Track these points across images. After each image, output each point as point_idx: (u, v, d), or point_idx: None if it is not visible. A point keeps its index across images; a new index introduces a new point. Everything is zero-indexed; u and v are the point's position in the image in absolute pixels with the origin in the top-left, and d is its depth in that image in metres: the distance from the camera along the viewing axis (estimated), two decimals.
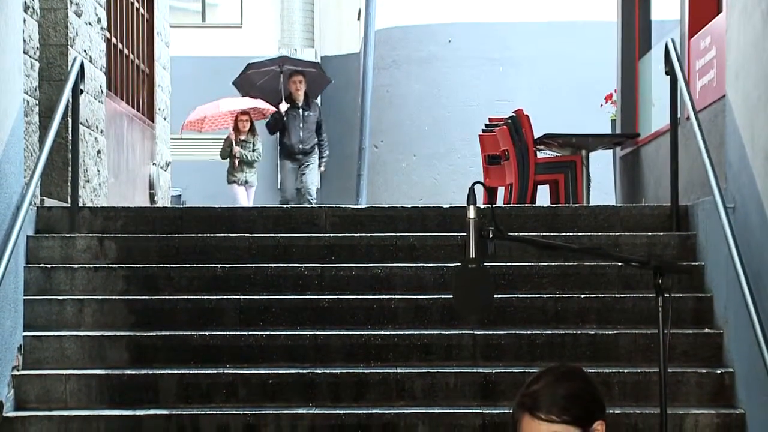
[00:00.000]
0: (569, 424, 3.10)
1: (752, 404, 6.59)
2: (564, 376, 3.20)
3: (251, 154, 15.15)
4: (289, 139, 14.55)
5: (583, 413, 3.12)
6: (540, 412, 3.12)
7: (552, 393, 3.13)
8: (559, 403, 3.11)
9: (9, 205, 6.92)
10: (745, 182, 6.68)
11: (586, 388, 3.18)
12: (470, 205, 3.16)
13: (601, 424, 3.15)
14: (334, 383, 6.98)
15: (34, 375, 6.98)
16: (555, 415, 3.11)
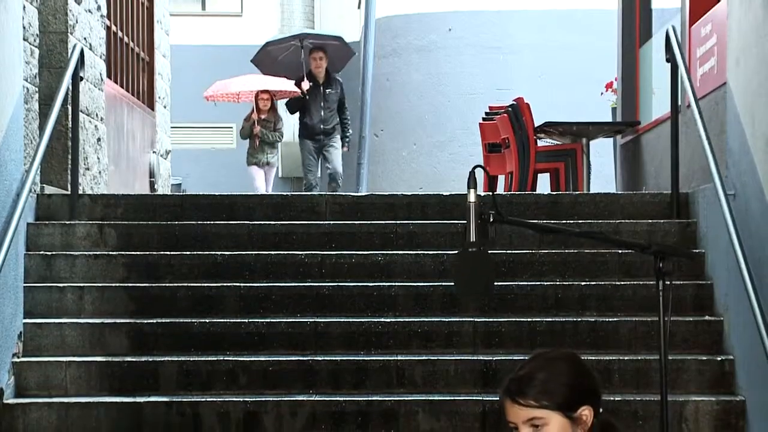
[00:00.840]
0: (549, 409, 3.10)
1: (752, 391, 6.59)
2: (550, 361, 3.18)
3: (273, 134, 14.52)
4: (310, 118, 13.88)
5: (564, 399, 3.10)
6: (520, 397, 3.12)
7: (534, 378, 3.12)
8: (539, 388, 3.11)
9: (9, 192, 6.91)
10: (745, 169, 6.68)
11: (570, 374, 3.15)
12: (471, 189, 3.15)
13: (588, 410, 3.13)
14: (335, 370, 6.98)
15: (35, 362, 6.98)
16: (533, 399, 3.10)
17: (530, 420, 3.10)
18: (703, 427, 6.65)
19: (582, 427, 3.12)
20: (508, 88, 15.93)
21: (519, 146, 11.00)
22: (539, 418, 3.10)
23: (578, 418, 3.12)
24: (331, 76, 14.08)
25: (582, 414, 3.12)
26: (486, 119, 12.38)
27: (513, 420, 3.14)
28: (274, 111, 14.74)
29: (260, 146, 14.37)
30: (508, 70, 16.92)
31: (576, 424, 3.11)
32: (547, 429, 3.10)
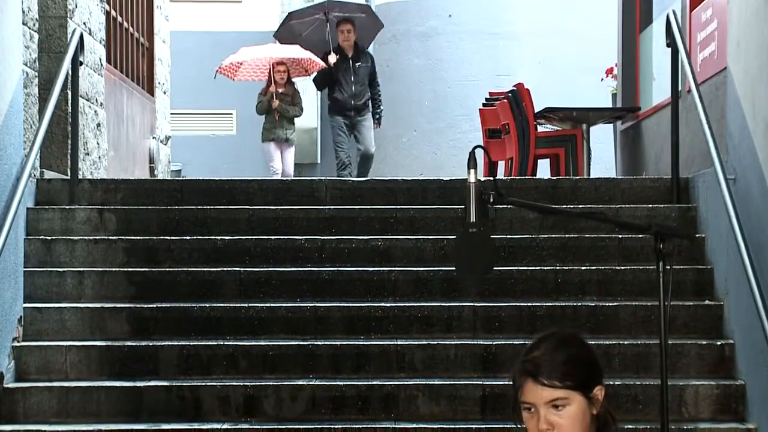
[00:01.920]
0: (571, 389, 3.08)
1: (752, 375, 6.59)
2: (564, 341, 3.17)
3: (292, 109, 13.54)
4: (341, 93, 12.94)
5: (584, 378, 3.10)
6: (542, 377, 3.09)
7: (553, 359, 3.10)
8: (561, 368, 3.09)
9: (9, 176, 6.90)
10: (745, 153, 6.67)
11: (585, 354, 3.16)
12: (471, 170, 3.14)
13: (600, 390, 3.13)
14: (335, 355, 6.98)
15: (35, 346, 6.98)
16: (557, 380, 3.08)
17: (553, 401, 3.08)
18: (703, 411, 6.66)
19: (596, 407, 3.12)
20: (508, 74, 15.94)
21: (519, 132, 11.00)
22: (563, 399, 3.07)
23: (594, 398, 3.12)
24: (360, 49, 13.26)
25: (596, 393, 3.12)
26: (486, 105, 12.38)
27: (532, 401, 3.11)
28: (292, 84, 13.83)
29: (279, 121, 13.51)
30: (508, 56, 16.91)
31: (592, 404, 3.11)
32: (569, 410, 3.08)
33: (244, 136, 17.26)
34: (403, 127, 16.64)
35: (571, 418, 3.08)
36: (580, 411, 3.09)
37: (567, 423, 3.08)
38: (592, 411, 3.11)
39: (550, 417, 3.09)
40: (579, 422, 3.09)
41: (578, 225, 7.81)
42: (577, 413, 3.08)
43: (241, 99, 17.17)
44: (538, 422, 3.10)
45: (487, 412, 6.68)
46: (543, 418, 3.09)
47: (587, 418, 3.10)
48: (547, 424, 3.09)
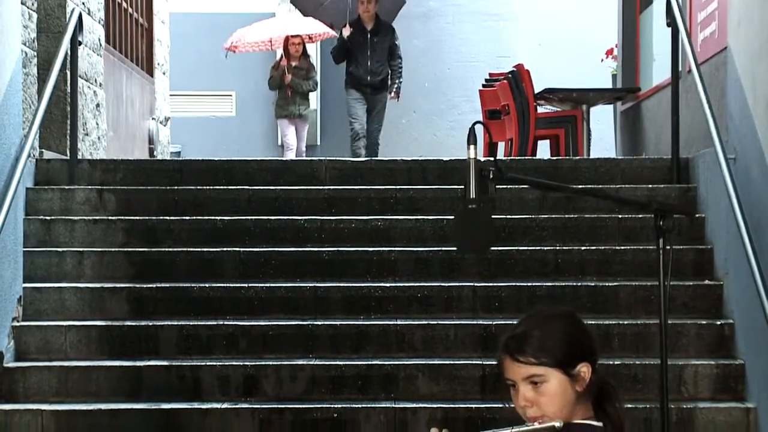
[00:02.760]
0: (548, 366, 3.08)
1: (752, 355, 6.59)
2: (547, 319, 3.17)
3: (306, 84, 13.13)
4: (356, 68, 12.30)
5: (564, 356, 3.09)
6: (519, 354, 3.10)
7: (532, 336, 3.11)
8: (537, 345, 3.09)
9: (8, 156, 6.89)
10: (746, 133, 6.66)
11: (568, 331, 3.14)
12: (470, 145, 3.13)
13: (586, 367, 3.12)
14: (334, 335, 6.98)
15: (34, 326, 6.98)
16: (533, 356, 3.09)
17: (530, 377, 3.10)
18: (702, 391, 6.66)
19: (580, 384, 3.12)
20: (507, 56, 15.91)
21: (519, 113, 10.98)
22: (539, 375, 3.09)
23: (577, 375, 3.11)
24: (381, 22, 12.44)
25: (581, 371, 3.11)
26: (486, 86, 12.35)
27: (512, 377, 3.14)
28: (307, 58, 13.36)
29: (292, 97, 13.11)
30: (507, 37, 16.88)
31: (575, 381, 3.11)
32: (547, 386, 3.09)
33: (244, 117, 17.26)
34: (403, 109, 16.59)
35: (549, 395, 3.09)
36: (560, 388, 3.09)
37: (545, 399, 3.09)
38: (575, 388, 3.11)
39: (528, 394, 3.10)
40: (558, 399, 3.09)
41: (578, 205, 7.81)
42: (556, 390, 3.09)
43: (240, 80, 17.16)
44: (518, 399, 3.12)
45: (486, 391, 6.69)
46: (521, 394, 3.11)
47: (569, 395, 3.10)
48: (525, 400, 3.11)
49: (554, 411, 3.09)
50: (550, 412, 3.09)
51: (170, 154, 13.37)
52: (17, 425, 6.43)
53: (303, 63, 13.16)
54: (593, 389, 3.15)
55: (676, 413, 6.37)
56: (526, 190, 7.86)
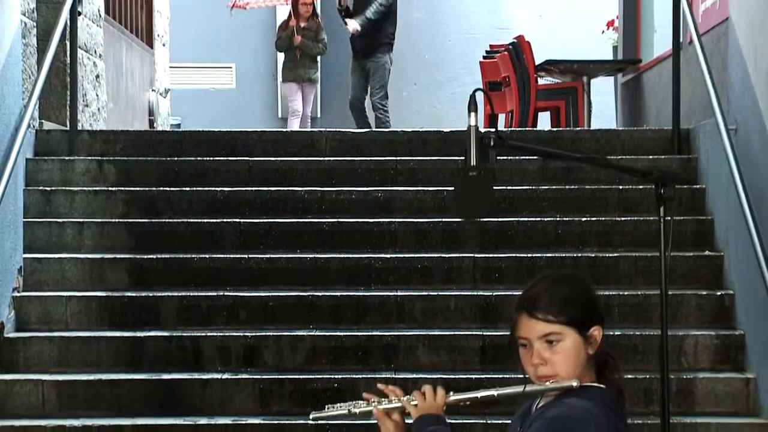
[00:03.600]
0: (566, 324, 3.10)
1: (752, 325, 6.60)
2: (562, 279, 3.20)
3: (314, 46, 12.57)
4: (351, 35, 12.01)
5: (580, 316, 3.11)
6: (538, 311, 3.11)
7: (550, 294, 3.12)
8: (557, 303, 3.11)
9: (8, 126, 6.88)
10: (747, 103, 6.65)
11: (584, 293, 3.18)
12: (471, 112, 3.13)
13: (598, 330, 3.14)
14: (335, 306, 6.99)
15: (35, 296, 6.99)
16: (552, 315, 3.10)
17: (546, 335, 3.10)
18: (702, 361, 6.67)
19: (592, 347, 3.13)
20: (508, 27, 15.85)
21: (519, 84, 10.96)
22: (556, 333, 3.09)
23: (590, 336, 3.13)
24: None
25: (593, 333, 3.13)
26: (486, 58, 12.33)
27: (527, 335, 3.13)
28: (316, 18, 12.78)
29: (301, 59, 12.59)
30: (508, 9, 16.83)
31: (588, 342, 3.12)
32: (562, 345, 3.10)
33: (244, 89, 17.20)
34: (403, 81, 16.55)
35: (564, 354, 3.10)
36: (574, 348, 3.10)
37: (559, 359, 3.10)
38: (588, 350, 3.12)
39: (543, 352, 3.11)
40: (572, 359, 3.10)
41: (578, 176, 7.80)
42: (571, 350, 3.10)
43: (240, 52, 17.10)
44: (532, 357, 3.12)
45: (486, 362, 6.70)
46: (536, 352, 3.11)
47: (581, 357, 3.11)
48: (539, 358, 3.11)
49: (567, 370, 3.10)
50: (562, 371, 3.10)
51: (170, 126, 13.32)
52: (18, 395, 6.44)
53: (312, 24, 12.67)
54: (599, 356, 3.17)
55: (675, 384, 6.39)
56: (527, 161, 7.85)
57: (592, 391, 3.11)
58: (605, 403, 3.09)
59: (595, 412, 3.03)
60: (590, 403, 3.05)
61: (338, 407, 3.22)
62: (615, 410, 3.11)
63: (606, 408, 3.08)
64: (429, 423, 3.16)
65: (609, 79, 12.34)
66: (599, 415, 3.03)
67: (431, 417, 3.18)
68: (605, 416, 3.05)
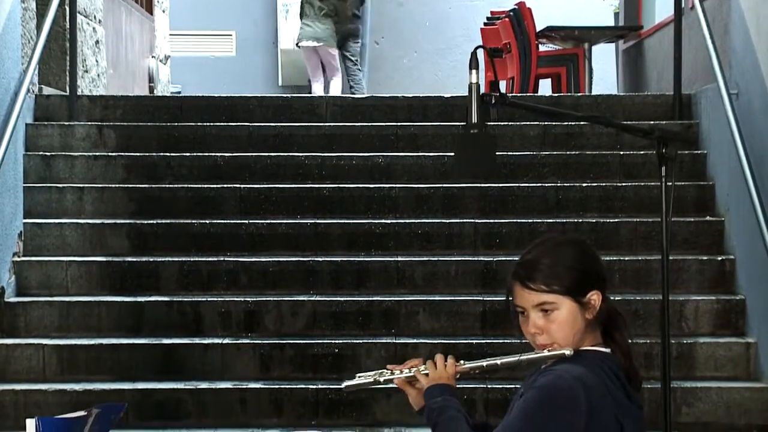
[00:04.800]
0: (560, 294, 3.07)
1: (752, 290, 6.60)
2: (558, 246, 3.15)
3: None
4: None
5: (575, 283, 3.08)
6: (531, 281, 3.09)
7: (544, 263, 3.09)
8: (550, 273, 3.08)
9: (7, 90, 6.86)
10: (749, 67, 6.63)
11: (578, 259, 3.12)
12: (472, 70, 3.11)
13: (597, 294, 3.11)
14: (335, 271, 6.98)
15: (35, 261, 6.98)
16: (545, 285, 3.07)
17: (540, 305, 3.08)
18: (703, 326, 6.67)
19: (590, 312, 3.10)
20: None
21: (520, 51, 10.92)
22: (549, 303, 3.08)
23: (587, 302, 3.10)
24: None
25: (591, 298, 3.10)
26: (487, 24, 12.28)
27: (522, 305, 3.12)
28: None
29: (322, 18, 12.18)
30: None
31: (585, 308, 3.10)
32: (557, 314, 3.08)
33: (244, 57, 17.15)
34: (404, 49, 16.53)
35: (560, 323, 3.08)
36: (570, 315, 3.08)
37: (555, 327, 3.08)
38: (586, 315, 3.10)
39: (539, 321, 3.10)
40: (568, 327, 3.08)
41: (579, 142, 7.79)
42: (567, 318, 3.08)
43: (240, 20, 17.05)
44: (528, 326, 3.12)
45: (487, 327, 6.70)
46: (532, 322, 3.10)
47: (579, 323, 3.09)
48: (535, 327, 3.10)
49: (564, 338, 3.08)
50: (560, 339, 3.08)
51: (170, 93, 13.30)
52: (18, 359, 6.45)
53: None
54: (602, 317, 3.14)
55: (676, 348, 6.39)
56: (528, 127, 7.83)
57: (590, 356, 3.09)
58: (603, 368, 3.07)
59: (586, 379, 2.99)
60: (583, 370, 3.02)
61: (366, 376, 3.29)
62: (615, 375, 3.08)
63: (602, 373, 3.04)
64: (437, 393, 3.17)
65: (610, 46, 12.29)
66: (591, 382, 3.00)
67: (439, 387, 3.18)
68: (600, 382, 3.02)
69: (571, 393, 2.97)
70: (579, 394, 2.97)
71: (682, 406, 6.20)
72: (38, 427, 2.97)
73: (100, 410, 3.20)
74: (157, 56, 12.13)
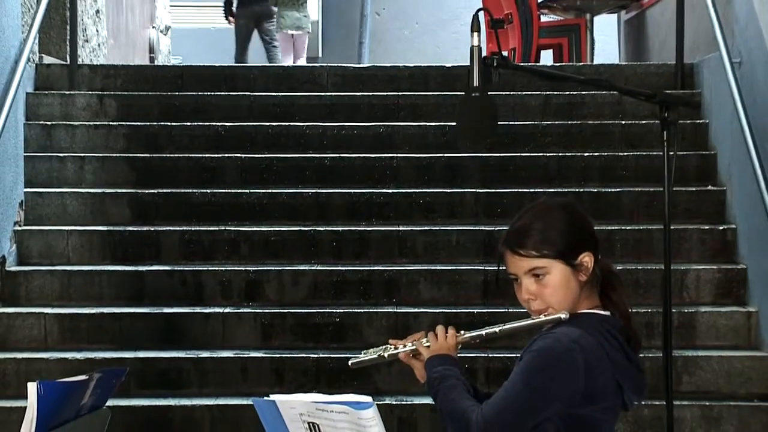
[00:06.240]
0: (550, 258, 3.07)
1: (754, 260, 6.60)
2: (547, 210, 3.15)
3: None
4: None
5: (564, 246, 3.08)
6: (520, 248, 3.09)
7: (532, 229, 3.09)
8: (537, 237, 3.08)
9: (7, 58, 6.84)
10: (752, 35, 6.60)
11: (570, 221, 3.12)
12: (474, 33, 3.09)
13: (588, 256, 3.11)
14: (336, 240, 6.97)
15: (36, 230, 6.98)
16: (535, 249, 3.08)
17: (532, 270, 3.09)
18: (704, 295, 6.67)
19: (584, 273, 3.11)
20: None
21: (522, 22, 10.88)
22: (541, 268, 3.08)
23: (579, 264, 3.10)
24: None
25: (583, 260, 3.10)
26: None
27: (514, 271, 3.13)
28: None
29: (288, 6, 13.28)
30: None
31: (577, 271, 3.10)
32: (549, 278, 3.08)
33: None
34: (405, 20, 16.50)
35: (552, 287, 3.08)
36: (563, 279, 3.08)
37: (548, 291, 3.09)
38: (579, 278, 3.10)
39: (531, 287, 3.10)
40: (562, 290, 3.08)
41: (581, 111, 7.77)
42: (560, 281, 3.08)
43: None
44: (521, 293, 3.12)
45: (488, 296, 6.70)
46: (524, 288, 3.11)
47: (572, 286, 3.10)
48: (528, 293, 3.11)
49: (558, 302, 3.09)
50: (554, 303, 3.09)
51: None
52: (20, 328, 6.45)
53: None
54: (598, 279, 3.14)
55: (677, 317, 6.38)
56: (529, 97, 7.81)
57: (587, 319, 3.09)
58: (600, 330, 3.07)
59: (583, 341, 3.00)
60: (580, 332, 3.02)
61: (371, 352, 3.31)
62: (613, 337, 3.08)
63: (599, 335, 3.05)
64: (437, 364, 3.18)
65: (612, 16, 12.24)
66: (588, 344, 3.00)
67: (439, 357, 3.19)
68: (597, 345, 3.02)
69: (568, 355, 2.97)
70: (576, 356, 2.97)
71: (683, 375, 6.20)
72: (40, 390, 2.97)
73: (102, 374, 3.20)
74: (157, 27, 12.11)
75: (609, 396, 3.04)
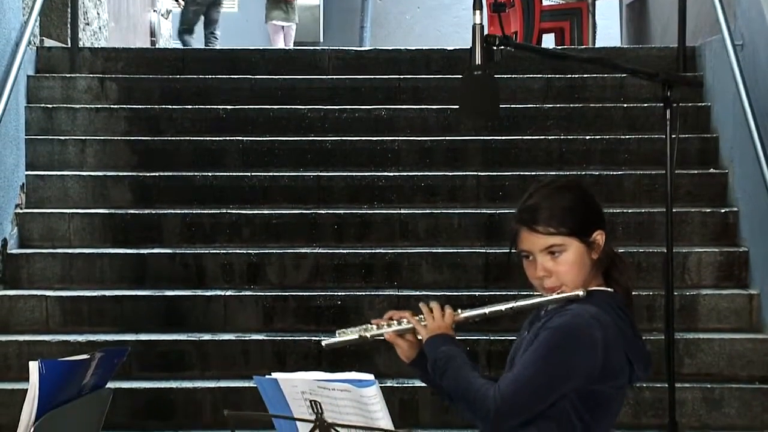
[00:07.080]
0: (567, 235, 3.08)
1: (755, 242, 6.59)
2: (559, 188, 3.16)
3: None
4: None
5: (581, 224, 3.10)
6: (538, 225, 3.09)
7: (549, 205, 3.09)
8: (557, 214, 3.08)
9: (8, 40, 6.82)
10: (754, 17, 6.58)
11: (583, 199, 3.15)
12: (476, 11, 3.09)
13: (600, 234, 3.13)
14: (338, 223, 6.97)
15: (38, 213, 6.98)
16: (553, 227, 3.08)
17: (548, 248, 3.08)
18: (706, 278, 6.67)
19: (596, 252, 3.12)
20: None
21: (524, 5, 10.87)
22: (558, 245, 3.08)
23: (593, 242, 3.11)
24: None
25: (596, 238, 3.12)
26: None
27: (529, 249, 3.12)
28: None
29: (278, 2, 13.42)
30: None
31: (591, 248, 3.11)
32: (566, 255, 3.09)
33: (247, 13, 17.11)
34: (406, 4, 16.48)
35: (569, 264, 3.09)
36: (578, 256, 3.09)
37: (564, 269, 3.09)
38: (592, 256, 3.11)
39: (547, 264, 3.10)
40: (577, 267, 3.09)
41: (583, 94, 7.77)
42: (575, 259, 3.09)
43: None
44: (536, 269, 3.11)
45: (489, 279, 6.70)
46: (540, 265, 3.10)
47: (586, 264, 3.11)
48: (544, 270, 3.10)
49: (572, 280, 3.09)
50: (568, 281, 3.09)
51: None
52: (22, 311, 6.45)
53: None
54: (603, 259, 3.15)
55: (679, 300, 6.38)
56: (531, 80, 7.80)
57: (600, 296, 3.11)
58: (613, 307, 3.09)
59: (601, 318, 3.02)
60: (596, 309, 3.04)
61: (350, 332, 3.20)
62: (624, 314, 3.10)
63: (614, 312, 3.07)
64: (440, 344, 3.15)
65: (614, 0, 12.23)
66: (606, 321, 3.02)
67: (441, 337, 3.17)
68: (612, 321, 3.04)
69: (588, 331, 2.99)
70: (596, 333, 2.99)
71: (684, 357, 6.20)
72: (41, 369, 2.97)
73: (103, 354, 3.20)
74: (158, 10, 12.09)
75: (622, 373, 3.06)
